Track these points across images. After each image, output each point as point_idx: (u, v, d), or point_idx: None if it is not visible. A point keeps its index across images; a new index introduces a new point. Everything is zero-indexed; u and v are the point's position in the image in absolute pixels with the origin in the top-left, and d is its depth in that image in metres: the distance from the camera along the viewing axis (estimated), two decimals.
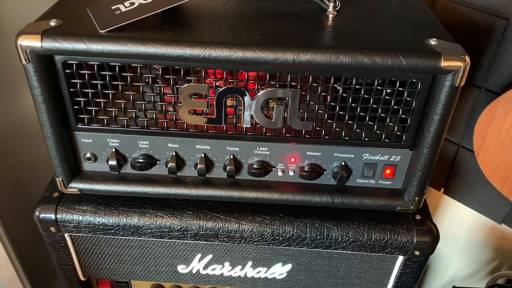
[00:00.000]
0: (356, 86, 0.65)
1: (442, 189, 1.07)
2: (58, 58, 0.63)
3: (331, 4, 0.69)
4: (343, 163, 0.73)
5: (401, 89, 0.65)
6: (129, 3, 0.66)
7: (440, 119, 0.64)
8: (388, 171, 0.74)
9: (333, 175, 0.74)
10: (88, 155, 0.74)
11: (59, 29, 0.62)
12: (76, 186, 0.75)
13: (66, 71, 0.65)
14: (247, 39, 0.62)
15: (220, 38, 0.62)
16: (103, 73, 0.65)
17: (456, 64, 0.60)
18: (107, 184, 0.75)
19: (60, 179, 0.74)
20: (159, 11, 0.64)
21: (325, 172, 0.74)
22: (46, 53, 0.61)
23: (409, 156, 0.72)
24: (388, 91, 0.66)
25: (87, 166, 0.76)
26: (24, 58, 0.61)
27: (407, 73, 0.63)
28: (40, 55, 0.61)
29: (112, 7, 0.65)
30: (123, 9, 0.65)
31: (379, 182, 0.75)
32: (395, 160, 0.73)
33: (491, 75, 0.86)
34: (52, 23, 0.62)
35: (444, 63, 0.60)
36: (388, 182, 0.75)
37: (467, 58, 0.60)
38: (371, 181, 0.75)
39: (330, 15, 0.69)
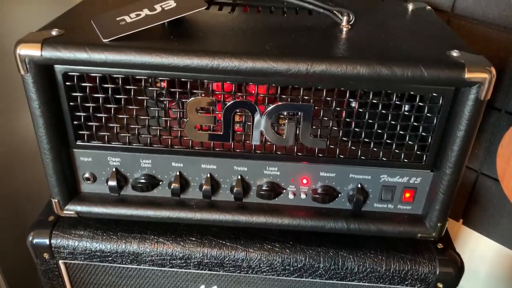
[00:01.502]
0: (373, 101, 0.61)
1: (461, 220, 1.01)
2: (58, 69, 0.60)
3: (345, 18, 0.66)
4: (359, 185, 0.68)
5: (421, 104, 0.61)
6: (135, 14, 0.63)
7: (464, 136, 0.60)
8: (407, 195, 0.69)
9: (348, 198, 0.69)
10: (87, 175, 0.70)
11: (61, 38, 0.59)
12: (73, 209, 0.70)
13: (67, 83, 0.61)
14: (257, 49, 0.59)
15: (229, 48, 0.58)
16: (105, 85, 0.62)
17: (481, 76, 0.56)
18: (106, 207, 0.70)
19: (56, 200, 0.69)
20: (165, 21, 0.61)
21: (340, 195, 0.69)
22: (46, 62, 0.58)
23: (430, 178, 0.67)
24: (407, 107, 0.62)
25: (86, 187, 0.71)
26: (23, 68, 0.58)
27: (427, 86, 0.59)
28: (39, 65, 0.58)
29: (117, 18, 0.63)
30: (128, 20, 0.62)
31: (398, 206, 0.70)
32: (415, 182, 0.68)
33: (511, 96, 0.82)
34: (54, 32, 0.60)
35: (468, 75, 0.56)
36: (408, 207, 0.70)
37: (493, 69, 0.56)
38: (389, 205, 0.70)
39: (344, 29, 0.66)
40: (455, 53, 0.59)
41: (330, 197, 0.68)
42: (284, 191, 0.69)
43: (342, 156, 0.66)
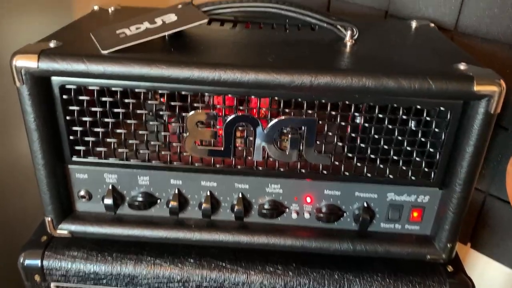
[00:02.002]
0: (379, 116, 0.59)
1: (469, 243, 0.97)
2: (55, 81, 0.59)
3: (349, 33, 0.65)
4: (365, 204, 0.65)
5: (428, 119, 0.59)
6: (135, 27, 0.62)
7: (474, 151, 0.58)
8: (415, 214, 0.66)
9: (354, 218, 0.67)
10: (82, 192, 0.67)
11: (58, 49, 0.57)
12: (66, 228, 0.67)
13: (64, 96, 0.60)
14: (260, 61, 0.57)
15: (231, 60, 0.57)
16: (103, 99, 0.60)
17: (490, 89, 0.54)
18: (102, 226, 0.67)
19: (49, 218, 0.66)
20: (166, 33, 0.60)
21: (345, 214, 0.66)
22: (43, 74, 0.57)
23: (439, 196, 0.64)
24: (413, 122, 0.60)
25: (80, 205, 0.68)
26: (19, 80, 0.56)
27: (435, 100, 0.57)
28: (36, 77, 0.57)
29: (117, 31, 0.62)
30: (128, 33, 0.61)
31: (406, 226, 0.67)
32: (423, 201, 0.65)
33: None
34: (52, 44, 0.58)
35: (477, 87, 0.54)
36: (416, 227, 0.67)
37: (502, 82, 0.55)
38: (397, 225, 0.67)
39: (348, 43, 0.65)
40: (462, 66, 0.57)
41: (335, 216, 0.66)
42: (287, 210, 0.67)
43: (347, 173, 0.64)
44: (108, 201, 0.66)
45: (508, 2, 0.75)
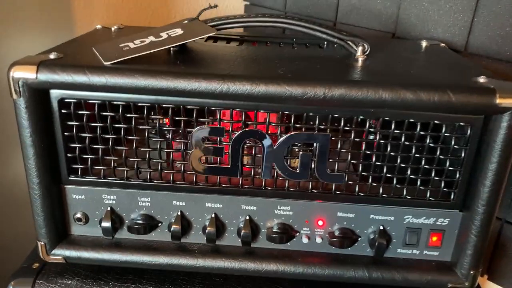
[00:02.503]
0: (395, 131, 0.56)
1: (486, 276, 0.92)
2: (54, 94, 0.56)
3: (360, 48, 0.63)
4: (381, 228, 0.61)
5: (447, 135, 0.56)
6: (140, 41, 0.60)
7: (497, 169, 0.54)
8: (434, 238, 0.62)
9: (369, 242, 0.62)
10: (78, 215, 0.63)
11: (59, 61, 0.55)
12: (60, 253, 0.63)
13: (62, 111, 0.57)
14: (270, 73, 0.55)
15: (240, 72, 0.55)
16: (104, 113, 0.57)
17: None
18: (98, 251, 0.63)
19: (42, 243, 0.62)
20: (172, 46, 0.58)
21: (359, 239, 0.62)
22: (42, 86, 0.54)
23: (460, 219, 0.60)
24: (431, 139, 0.57)
25: (76, 229, 0.64)
26: (15, 91, 0.53)
27: (454, 115, 0.54)
28: (34, 89, 0.54)
29: (121, 45, 0.59)
30: (132, 46, 0.59)
31: (424, 252, 0.63)
32: (443, 224, 0.61)
33: None
34: (52, 56, 0.56)
35: (499, 100, 0.51)
36: (435, 253, 0.62)
37: None
38: (415, 251, 0.62)
39: (360, 58, 0.63)
40: (482, 79, 0.55)
41: (349, 241, 0.61)
42: (298, 234, 0.62)
43: (361, 194, 0.60)
44: (106, 224, 0.62)
45: None
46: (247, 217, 0.62)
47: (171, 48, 0.63)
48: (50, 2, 0.90)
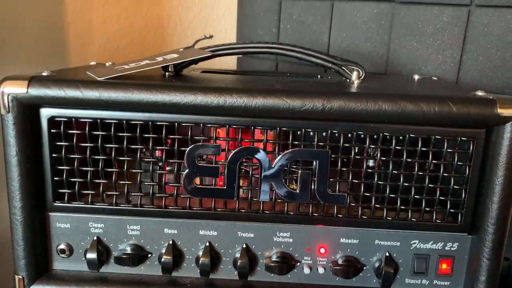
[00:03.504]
0: (397, 147, 0.55)
1: None
2: (44, 113, 0.54)
3: (355, 73, 0.63)
4: (387, 254, 0.57)
5: (449, 150, 0.55)
6: (135, 64, 0.60)
7: (505, 182, 0.52)
8: (444, 266, 0.58)
9: (375, 272, 0.58)
10: (62, 246, 0.58)
11: (51, 77, 0.54)
12: None
13: (52, 130, 0.54)
14: (267, 87, 0.54)
15: (237, 86, 0.54)
16: (95, 133, 0.55)
17: None
18: (82, 286, 0.57)
19: (20, 277, 0.56)
20: (167, 64, 0.57)
21: (364, 268, 0.58)
22: (32, 101, 0.52)
23: (469, 243, 0.57)
24: (432, 157, 0.55)
25: (59, 263, 0.59)
26: (4, 107, 0.51)
27: (455, 129, 0.53)
28: (24, 104, 0.52)
29: (115, 67, 0.59)
30: (126, 67, 0.58)
31: (434, 282, 0.58)
32: (452, 249, 0.57)
33: None
34: (44, 73, 0.55)
35: (500, 110, 0.51)
36: (446, 283, 0.58)
37: None
38: (424, 281, 0.58)
39: (356, 82, 0.63)
40: (481, 93, 0.54)
41: (353, 269, 0.57)
42: (298, 264, 0.58)
43: (365, 217, 0.57)
44: (92, 255, 0.57)
45: (507, 54, 0.75)
46: (244, 246, 0.58)
47: (166, 74, 0.63)
48: (45, 40, 0.91)
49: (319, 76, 0.74)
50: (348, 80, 0.64)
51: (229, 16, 1.15)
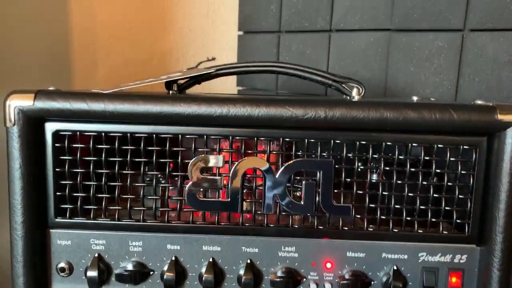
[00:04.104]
0: (400, 157, 0.55)
1: None
2: (49, 127, 0.54)
3: (355, 90, 0.64)
4: (395, 268, 0.56)
5: (453, 159, 0.55)
6: (140, 81, 0.61)
7: (510, 189, 0.52)
8: (454, 279, 0.56)
9: (383, 287, 0.56)
10: (62, 264, 0.57)
11: (57, 90, 0.55)
12: None
13: (56, 144, 0.55)
14: (270, 97, 0.55)
15: (240, 97, 0.55)
16: (99, 146, 0.55)
17: None
18: None
19: None
20: (171, 79, 0.59)
21: (372, 283, 0.56)
22: (38, 114, 0.53)
23: (478, 255, 0.56)
24: (436, 167, 0.55)
25: (58, 282, 0.57)
26: (10, 119, 0.52)
27: (458, 138, 0.54)
28: (29, 117, 0.53)
29: (121, 85, 0.60)
30: (131, 84, 0.59)
31: None
32: (461, 261, 0.56)
33: None
34: (51, 87, 0.56)
35: (501, 116, 0.52)
36: None
37: None
38: None
39: (356, 97, 0.64)
40: (481, 101, 0.55)
41: (361, 284, 0.56)
42: (305, 280, 0.57)
43: (371, 229, 0.56)
44: (92, 273, 0.56)
45: (502, 74, 0.77)
46: (249, 261, 0.56)
47: (170, 92, 0.64)
48: (51, 66, 0.93)
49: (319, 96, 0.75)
50: (348, 97, 0.65)
51: (230, 51, 1.18)
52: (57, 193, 0.56)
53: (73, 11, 1.01)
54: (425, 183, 0.55)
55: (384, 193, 0.55)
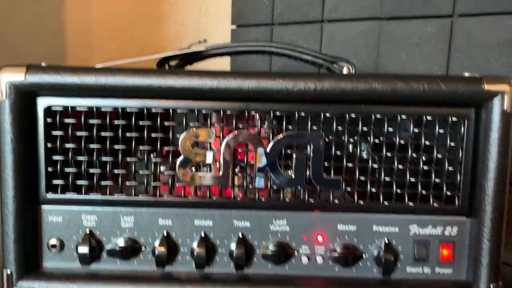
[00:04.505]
0: (389, 129, 0.55)
1: None
2: (41, 102, 0.55)
3: (345, 69, 0.65)
4: (386, 241, 0.56)
5: (441, 131, 0.55)
6: (131, 59, 0.61)
7: (498, 159, 0.53)
8: (445, 252, 0.57)
9: (375, 260, 0.57)
10: (53, 241, 0.57)
11: (48, 64, 0.55)
12: (28, 286, 0.55)
13: (48, 120, 0.55)
14: (261, 71, 0.55)
15: (231, 71, 0.55)
16: (90, 121, 0.55)
17: (501, 87, 0.52)
18: (73, 282, 0.55)
19: (9, 271, 0.54)
20: (164, 55, 0.59)
21: (364, 255, 0.57)
22: (30, 88, 0.53)
23: (468, 227, 0.56)
24: (425, 138, 0.56)
25: (49, 260, 0.57)
26: (1, 94, 0.52)
27: (446, 109, 0.55)
28: (21, 91, 0.53)
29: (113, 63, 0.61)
30: (123, 61, 0.60)
31: (437, 271, 0.57)
32: (451, 234, 0.57)
33: None
34: (42, 63, 0.56)
35: (488, 87, 0.52)
36: (448, 271, 0.57)
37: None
38: (426, 269, 0.57)
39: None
40: (468, 74, 0.56)
41: (353, 257, 0.56)
42: (296, 253, 0.57)
43: (361, 202, 0.56)
44: (84, 249, 0.56)
45: (491, 58, 0.78)
46: (240, 235, 0.57)
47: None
48: (46, 59, 0.93)
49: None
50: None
51: None
52: (49, 169, 0.56)
53: (69, 5, 1.02)
54: (414, 155, 0.56)
55: (374, 166, 0.56)
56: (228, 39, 1.16)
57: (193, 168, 0.56)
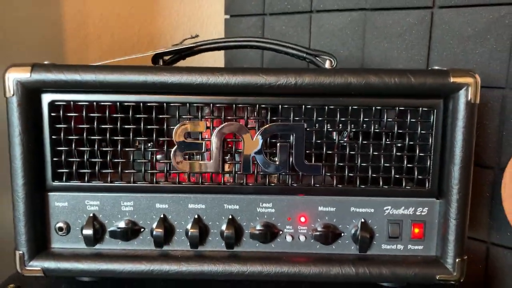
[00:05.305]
0: (365, 119, 0.60)
1: None
2: (45, 98, 0.60)
3: (327, 62, 0.70)
4: (362, 221, 0.62)
5: (413, 120, 0.60)
6: (127, 57, 0.66)
7: (464, 146, 0.58)
8: (416, 230, 0.62)
9: (353, 239, 0.62)
10: (60, 224, 0.62)
11: (52, 64, 0.60)
12: (39, 265, 0.61)
13: (52, 114, 0.60)
14: (246, 67, 0.60)
15: (219, 68, 0.60)
16: (91, 115, 0.60)
17: (466, 80, 0.57)
18: (79, 261, 0.61)
19: (21, 252, 0.60)
20: (155, 52, 0.64)
21: (342, 234, 0.62)
22: (35, 85, 0.58)
23: (437, 208, 0.62)
24: (397, 127, 0.61)
25: (56, 241, 0.63)
26: (8, 90, 0.57)
27: (417, 100, 0.60)
28: (27, 88, 0.58)
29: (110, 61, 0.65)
30: (119, 58, 0.64)
31: (409, 247, 0.62)
32: (423, 214, 0.62)
33: (502, 154, 0.82)
34: (46, 62, 0.61)
35: (453, 79, 0.57)
36: (419, 247, 0.62)
37: (477, 76, 0.58)
38: (399, 246, 0.62)
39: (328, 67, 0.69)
40: (437, 67, 0.61)
41: (333, 235, 0.62)
42: (281, 233, 0.62)
43: (340, 186, 0.62)
44: (88, 231, 0.61)
45: (468, 47, 0.82)
46: (230, 217, 0.62)
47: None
48: (44, 48, 0.97)
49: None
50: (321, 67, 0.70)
51: (217, 35, 1.23)
52: (54, 159, 0.61)
53: None
54: (388, 142, 0.61)
55: (351, 152, 0.61)
56: (222, 28, 1.20)
57: (186, 157, 0.61)
